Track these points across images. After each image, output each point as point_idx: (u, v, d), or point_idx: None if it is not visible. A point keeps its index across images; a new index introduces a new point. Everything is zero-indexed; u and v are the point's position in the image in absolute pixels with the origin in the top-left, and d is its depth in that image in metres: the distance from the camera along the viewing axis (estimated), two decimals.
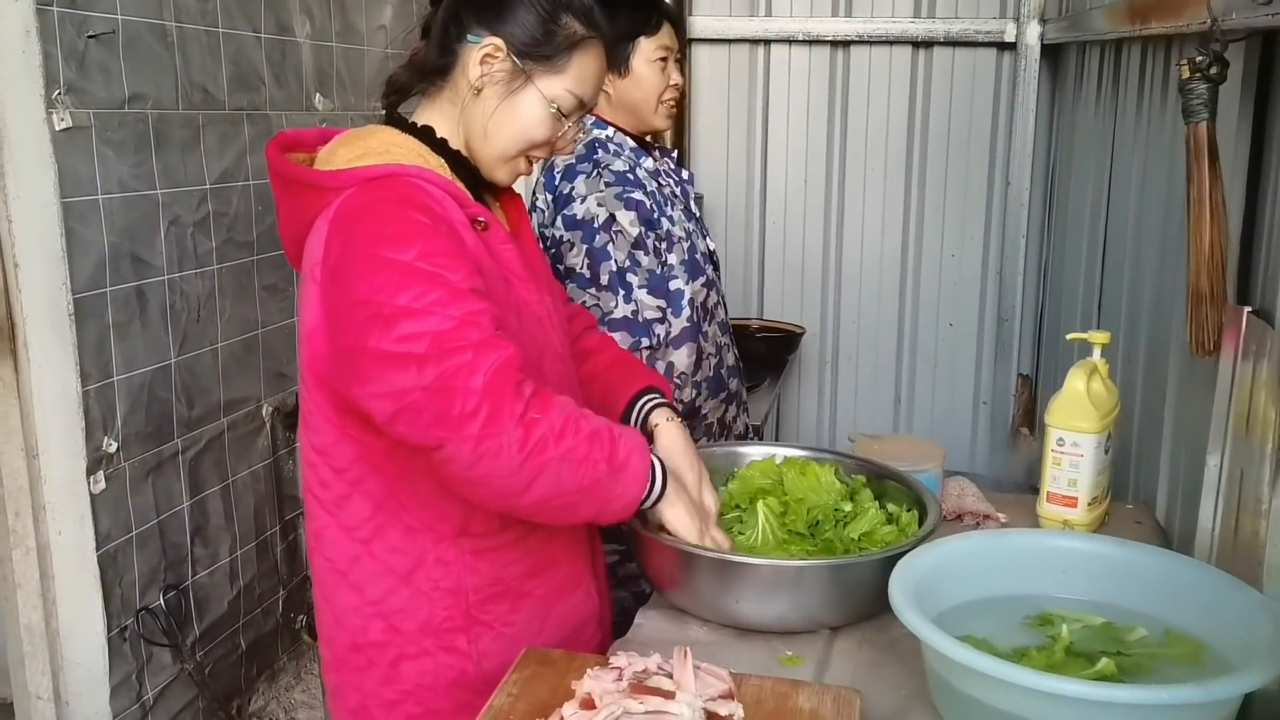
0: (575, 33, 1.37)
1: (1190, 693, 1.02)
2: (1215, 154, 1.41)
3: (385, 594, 1.40)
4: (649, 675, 1.20)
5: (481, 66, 1.36)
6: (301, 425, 1.42)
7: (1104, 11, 2.24)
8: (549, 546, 1.45)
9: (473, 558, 1.39)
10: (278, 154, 1.38)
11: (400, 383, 1.20)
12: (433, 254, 1.24)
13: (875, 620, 1.42)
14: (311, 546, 1.46)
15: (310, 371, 1.35)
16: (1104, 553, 1.36)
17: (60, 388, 2.12)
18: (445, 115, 1.41)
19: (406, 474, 1.35)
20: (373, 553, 1.39)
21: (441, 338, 1.20)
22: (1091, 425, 1.61)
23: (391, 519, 1.38)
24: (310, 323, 1.32)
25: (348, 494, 1.39)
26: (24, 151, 2.02)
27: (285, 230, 1.41)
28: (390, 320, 1.20)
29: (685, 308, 1.95)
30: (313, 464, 1.41)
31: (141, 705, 2.34)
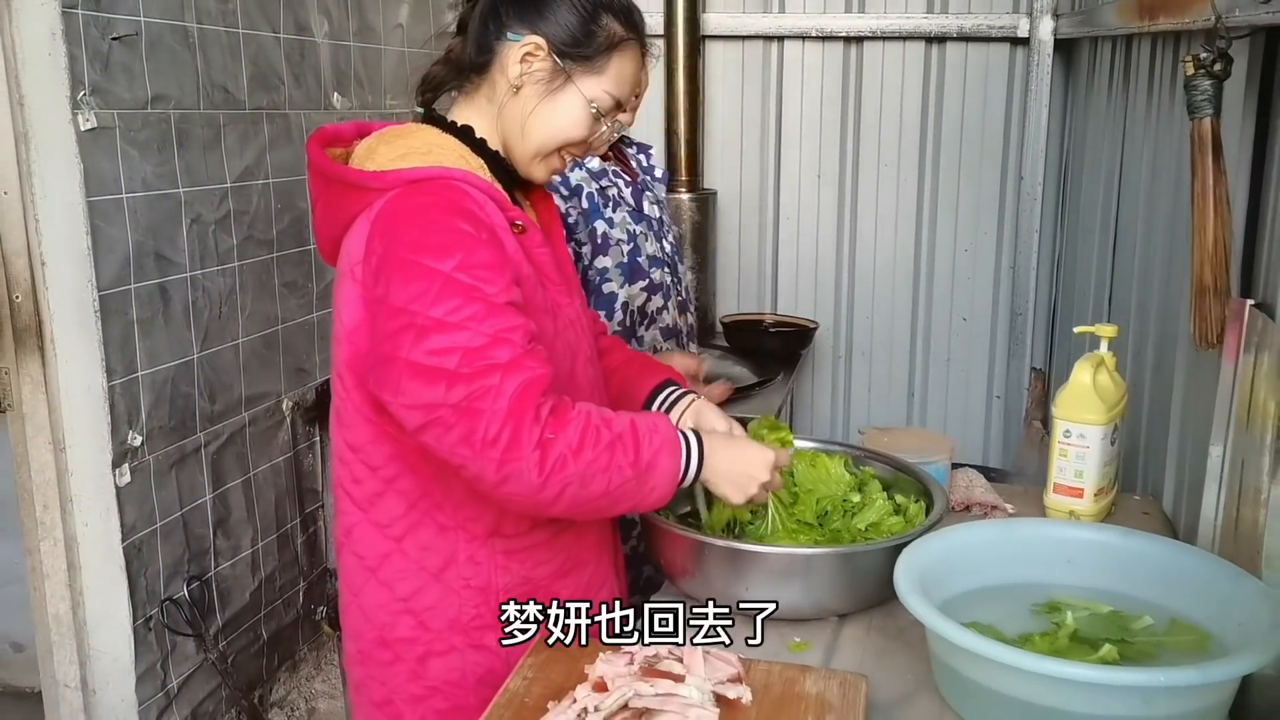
0: (615, 33, 1.38)
1: (1186, 675, 1.04)
2: (1219, 149, 1.43)
3: (415, 591, 1.41)
4: (660, 659, 1.24)
5: (522, 65, 1.36)
6: (335, 421, 1.43)
7: (1115, 7, 2.26)
8: (578, 547, 1.48)
9: (504, 557, 1.41)
10: (319, 151, 1.39)
11: (429, 397, 1.22)
12: (472, 265, 1.25)
13: (883, 607, 1.45)
14: (340, 542, 1.47)
15: (349, 369, 1.36)
16: (1107, 542, 1.39)
17: (86, 383, 2.17)
18: (483, 113, 1.41)
19: (441, 474, 1.36)
20: (404, 550, 1.41)
21: (472, 354, 1.21)
22: (1098, 417, 1.63)
23: (425, 517, 1.40)
24: (350, 322, 1.33)
25: (382, 491, 1.40)
26: (50, 152, 2.06)
27: (323, 227, 1.42)
28: (423, 332, 1.22)
29: (618, 311, 2.00)
30: (346, 460, 1.42)
31: (166, 693, 2.39)
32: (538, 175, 1.43)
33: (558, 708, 1.18)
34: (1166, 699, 1.07)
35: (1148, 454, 2.01)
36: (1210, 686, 1.07)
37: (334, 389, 1.42)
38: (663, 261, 2.17)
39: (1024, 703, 1.11)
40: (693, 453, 1.34)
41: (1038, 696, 1.09)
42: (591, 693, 1.18)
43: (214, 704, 2.55)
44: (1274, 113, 1.43)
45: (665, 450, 1.31)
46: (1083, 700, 1.07)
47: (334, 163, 1.37)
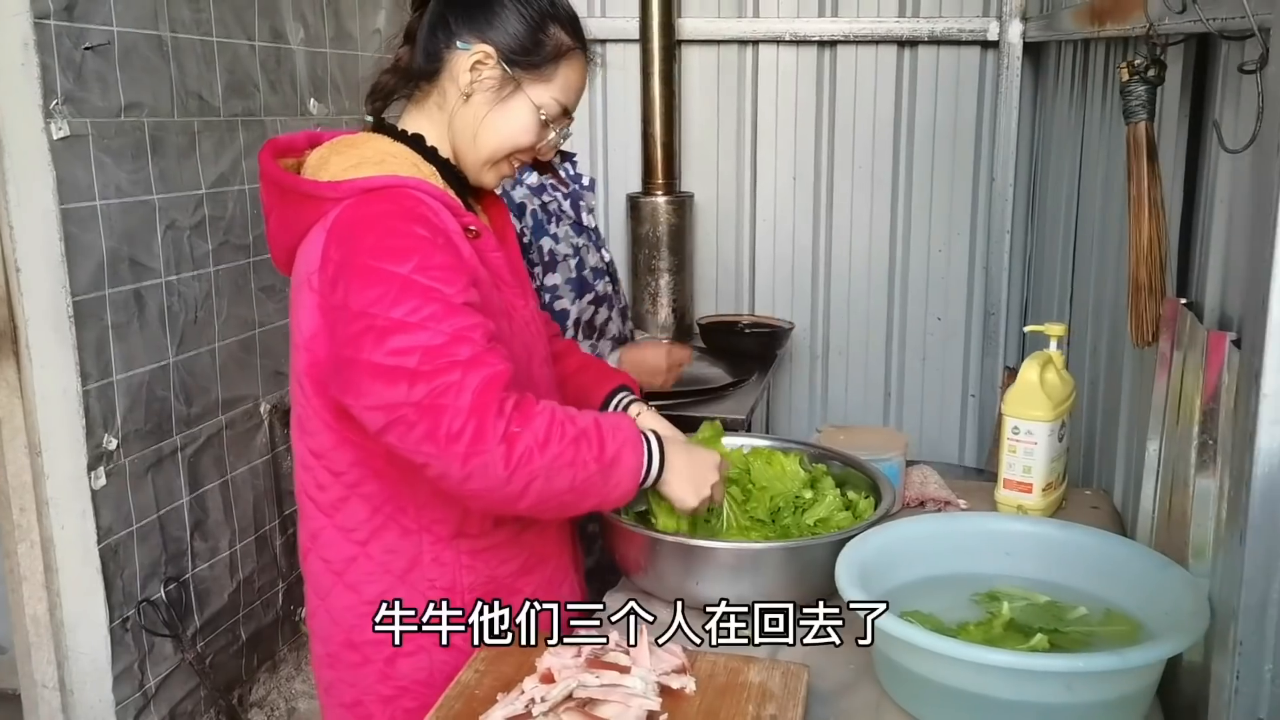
0: (562, 42, 1.42)
1: (1105, 661, 1.08)
2: (1154, 152, 1.47)
3: (382, 593, 1.43)
4: (606, 652, 1.27)
5: (471, 73, 1.39)
6: (297, 429, 1.45)
7: (1071, 12, 2.30)
8: (539, 545, 1.51)
9: (469, 557, 1.44)
10: (272, 161, 1.42)
11: (391, 397, 1.24)
12: (430, 267, 1.27)
13: (831, 601, 1.48)
14: (306, 547, 1.49)
15: (308, 377, 1.39)
16: (1044, 534, 1.43)
17: (61, 387, 2.20)
18: (433, 120, 1.44)
19: (405, 478, 1.39)
20: (369, 554, 1.44)
21: (432, 352, 1.24)
22: (1045, 414, 1.67)
23: (389, 521, 1.42)
24: (309, 330, 1.36)
25: (345, 497, 1.43)
26: (24, 160, 2.10)
27: (277, 236, 1.44)
28: (383, 333, 1.25)
29: (570, 328, 2.03)
30: (309, 467, 1.44)
31: (144, 693, 2.42)
32: (488, 181, 1.47)
33: (506, 699, 1.21)
34: (1088, 684, 1.11)
35: (1100, 449, 2.05)
36: (1130, 671, 1.11)
37: (294, 397, 1.44)
38: (603, 272, 2.20)
39: (953, 689, 1.15)
40: (654, 451, 1.38)
41: (966, 683, 1.13)
42: (539, 684, 1.22)
43: (192, 704, 2.58)
44: (1206, 117, 1.47)
45: (629, 447, 1.35)
46: (1008, 686, 1.11)
47: (287, 173, 1.39)
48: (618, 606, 1.50)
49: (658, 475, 1.39)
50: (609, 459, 1.32)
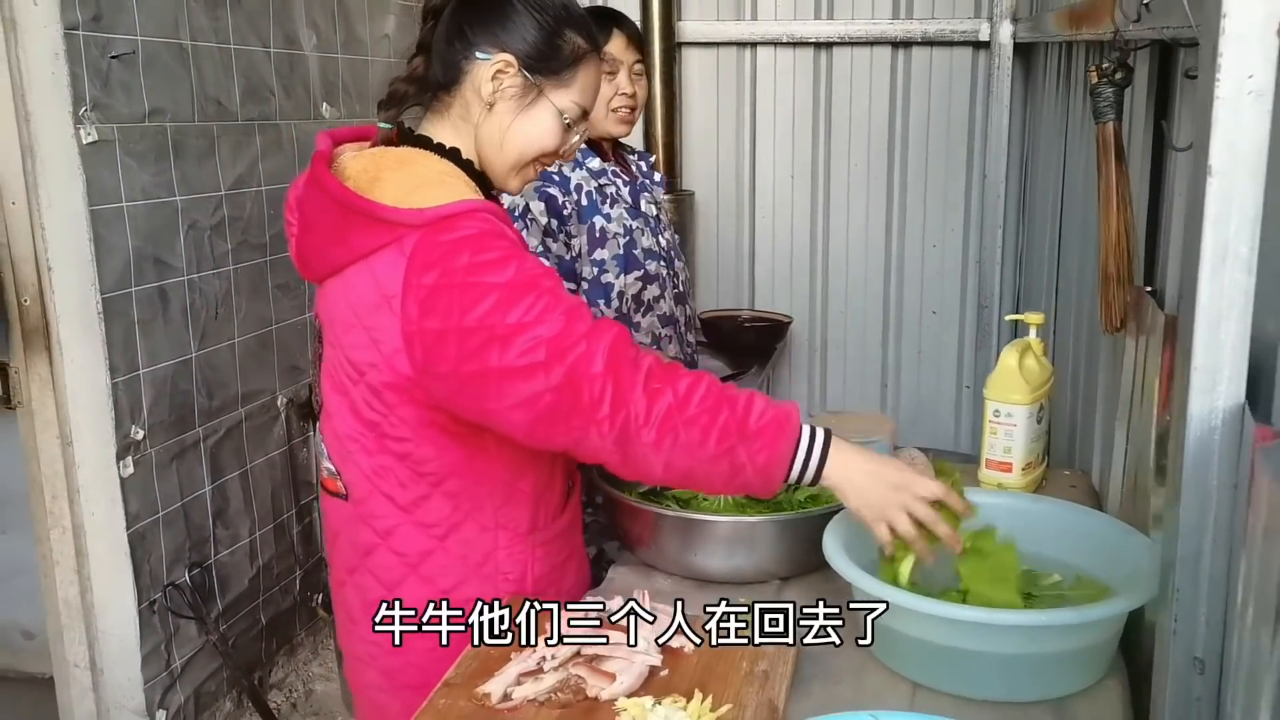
0: (579, 46, 1.45)
1: (1064, 615, 1.19)
2: (1121, 151, 1.57)
3: (456, 584, 1.49)
4: (612, 615, 1.38)
5: (494, 82, 1.41)
6: (375, 435, 1.46)
7: (1054, 15, 2.40)
8: (576, 534, 1.62)
9: (542, 550, 1.53)
10: (333, 178, 1.40)
11: (530, 389, 1.29)
12: (525, 270, 1.32)
13: (822, 571, 1.57)
14: (375, 543, 1.51)
15: (393, 389, 1.40)
16: (1020, 507, 1.53)
17: (91, 381, 2.31)
18: (458, 130, 1.46)
19: (485, 478, 1.46)
20: (446, 548, 1.49)
21: (555, 340, 1.28)
22: (1023, 398, 1.77)
23: (467, 518, 1.48)
24: (389, 348, 1.36)
25: (428, 494, 1.47)
26: (54, 164, 2.21)
27: (335, 253, 1.40)
28: (506, 340, 1.29)
29: (614, 299, 2.17)
30: (390, 469, 1.47)
31: (170, 673, 2.53)
32: (513, 186, 1.51)
33: (519, 657, 1.32)
34: (1050, 637, 1.21)
35: (1080, 432, 2.15)
36: (1088, 625, 1.21)
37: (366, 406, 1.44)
38: (659, 255, 2.32)
39: (927, 643, 1.25)
40: (817, 439, 1.33)
41: (939, 637, 1.24)
42: (548, 645, 1.32)
43: (215, 684, 2.69)
44: (1170, 117, 1.56)
45: (775, 425, 1.30)
46: (978, 639, 1.22)
47: (358, 196, 1.38)
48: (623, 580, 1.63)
49: (817, 469, 1.32)
50: (752, 429, 1.29)
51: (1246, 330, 0.91)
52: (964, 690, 1.26)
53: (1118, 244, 1.56)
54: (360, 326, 1.39)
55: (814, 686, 1.32)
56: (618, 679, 1.26)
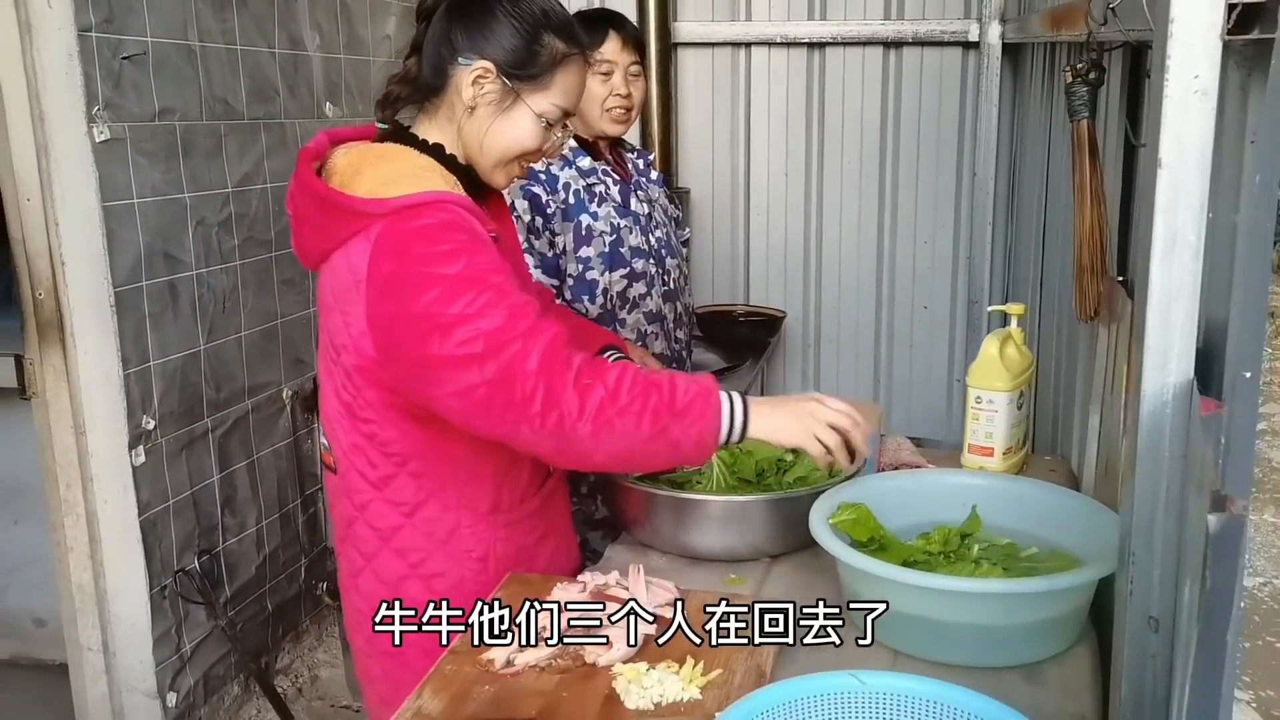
0: (557, 51, 1.52)
1: (1035, 584, 1.26)
2: (1095, 147, 1.64)
3: (424, 558, 1.59)
4: (609, 587, 1.45)
5: (474, 87, 1.49)
6: (346, 414, 1.56)
7: (1038, 17, 2.47)
8: (553, 518, 1.69)
9: (505, 530, 1.61)
10: (312, 174, 1.50)
11: (466, 381, 1.36)
12: (476, 265, 1.40)
13: (810, 549, 1.65)
14: (353, 516, 1.62)
15: (359, 373, 1.49)
16: (1000, 487, 1.61)
17: (104, 372, 2.38)
18: (445, 130, 1.54)
19: (448, 460, 1.54)
20: (414, 524, 1.58)
21: (494, 334, 1.36)
22: (1004, 385, 1.85)
23: (431, 497, 1.57)
24: (357, 331, 1.45)
25: (394, 474, 1.57)
26: (68, 162, 2.28)
27: (315, 242, 1.52)
28: (447, 329, 1.36)
29: (599, 296, 2.23)
30: (360, 449, 1.57)
31: (180, 656, 2.60)
32: (499, 182, 1.59)
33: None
34: (1023, 605, 1.29)
35: (1061, 419, 2.22)
36: (1057, 593, 1.28)
37: (342, 387, 1.54)
38: (647, 253, 2.38)
39: (906, 615, 1.32)
40: (735, 400, 1.42)
41: (916, 608, 1.31)
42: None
43: (224, 668, 2.77)
44: (1140, 116, 1.64)
45: (701, 397, 1.39)
46: (953, 609, 1.29)
47: (330, 188, 1.48)
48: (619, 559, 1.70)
49: (743, 424, 1.41)
50: (681, 406, 1.38)
51: (1195, 312, 0.98)
52: (941, 656, 1.34)
53: (1091, 236, 1.63)
54: (337, 310, 1.48)
55: (800, 654, 1.39)
56: (614, 646, 1.33)
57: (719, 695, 1.26)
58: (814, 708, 1.12)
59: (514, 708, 1.25)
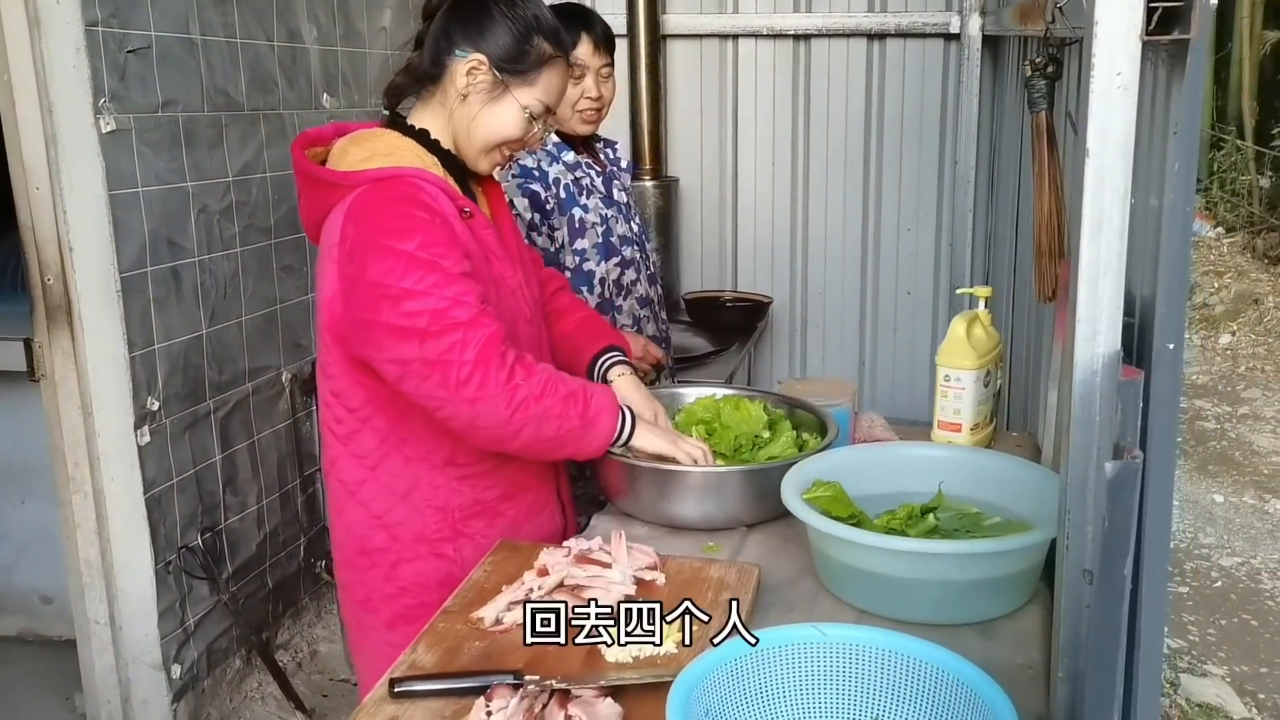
0: (545, 52, 1.67)
1: (986, 545, 1.36)
2: (1053, 137, 1.73)
3: (387, 509, 1.73)
4: (592, 552, 1.55)
5: (468, 77, 1.64)
6: (320, 374, 1.75)
7: (1009, 10, 2.56)
8: (519, 476, 1.79)
9: (457, 482, 1.73)
10: (301, 154, 1.69)
11: (405, 352, 1.53)
12: (430, 244, 1.55)
13: (785, 519, 1.75)
14: (326, 470, 1.79)
15: (329, 331, 1.67)
16: (964, 459, 1.70)
17: (110, 354, 2.47)
18: (437, 117, 1.70)
19: (406, 415, 1.67)
20: (378, 477, 1.73)
21: (438, 314, 1.52)
22: (970, 363, 1.93)
23: (393, 450, 1.71)
24: (329, 292, 1.63)
25: (358, 429, 1.71)
26: (75, 152, 2.36)
27: (307, 215, 1.70)
28: (397, 299, 1.52)
29: (597, 286, 2.32)
30: (329, 404, 1.74)
31: (184, 629, 2.70)
32: (484, 168, 1.73)
33: (510, 588, 1.49)
34: (975, 564, 1.38)
35: (1029, 397, 2.32)
36: (1007, 554, 1.38)
37: (318, 347, 1.73)
38: (632, 240, 2.47)
39: (868, 572, 1.42)
40: (627, 419, 1.69)
41: (877, 566, 1.41)
42: (536, 576, 1.49)
43: (226, 641, 2.86)
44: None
45: (607, 412, 1.67)
46: (908, 566, 1.39)
47: (313, 164, 1.65)
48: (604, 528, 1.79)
49: (628, 438, 1.69)
50: (590, 417, 1.63)
51: (1120, 288, 1.08)
52: (902, 614, 1.43)
53: (1049, 221, 1.73)
54: (320, 274, 1.64)
55: (771, 613, 1.49)
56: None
57: (694, 650, 1.35)
58: (777, 657, 1.21)
59: (502, 660, 1.34)
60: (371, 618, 1.80)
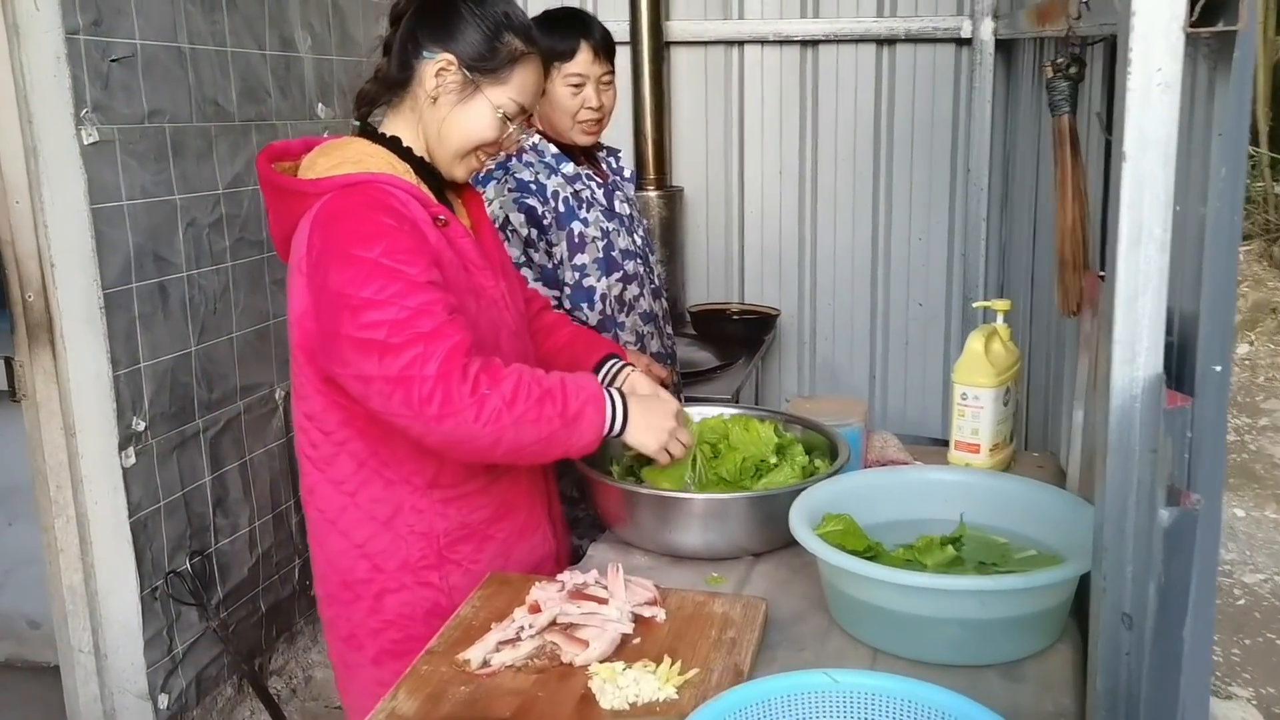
0: (516, 49, 1.59)
1: (1011, 582, 1.25)
2: (1075, 142, 1.64)
3: (369, 538, 1.64)
4: (587, 586, 1.45)
5: (436, 79, 1.56)
6: (295, 395, 1.66)
7: (1025, 12, 2.47)
8: (509, 495, 1.69)
9: (442, 505, 1.63)
10: (266, 165, 1.62)
11: (366, 369, 1.44)
12: (395, 251, 1.46)
13: (793, 548, 1.65)
14: (305, 499, 1.69)
15: (301, 349, 1.58)
16: (982, 484, 1.60)
17: (94, 373, 2.38)
18: (408, 123, 1.62)
19: (386, 436, 1.58)
20: (358, 503, 1.63)
21: (398, 326, 1.43)
22: (989, 381, 1.84)
23: (373, 474, 1.62)
24: (299, 308, 1.55)
25: (335, 453, 1.62)
26: (57, 164, 2.28)
27: (275, 229, 1.63)
28: (357, 310, 1.44)
29: (598, 302, 2.22)
30: (304, 428, 1.64)
31: (172, 658, 2.61)
32: (459, 175, 1.64)
33: (499, 627, 1.39)
34: (998, 601, 1.28)
35: (1050, 416, 2.22)
36: (1034, 591, 1.28)
37: (291, 367, 1.64)
38: (635, 254, 2.38)
39: (884, 610, 1.32)
40: (618, 408, 1.57)
41: (894, 604, 1.31)
42: (527, 614, 1.40)
43: (216, 669, 2.77)
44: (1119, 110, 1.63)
45: (591, 404, 1.54)
46: (927, 603, 1.29)
47: (277, 174, 1.59)
48: (601, 557, 1.69)
49: (622, 428, 1.57)
50: (572, 415, 1.51)
51: (1162, 306, 0.98)
52: (920, 655, 1.33)
53: (1073, 231, 1.63)
54: (290, 289, 1.56)
55: (779, 652, 1.39)
56: (590, 645, 1.33)
57: (696, 695, 1.25)
58: (787, 707, 1.11)
59: (489, 708, 1.24)
60: (357, 654, 1.71)
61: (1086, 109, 1.76)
